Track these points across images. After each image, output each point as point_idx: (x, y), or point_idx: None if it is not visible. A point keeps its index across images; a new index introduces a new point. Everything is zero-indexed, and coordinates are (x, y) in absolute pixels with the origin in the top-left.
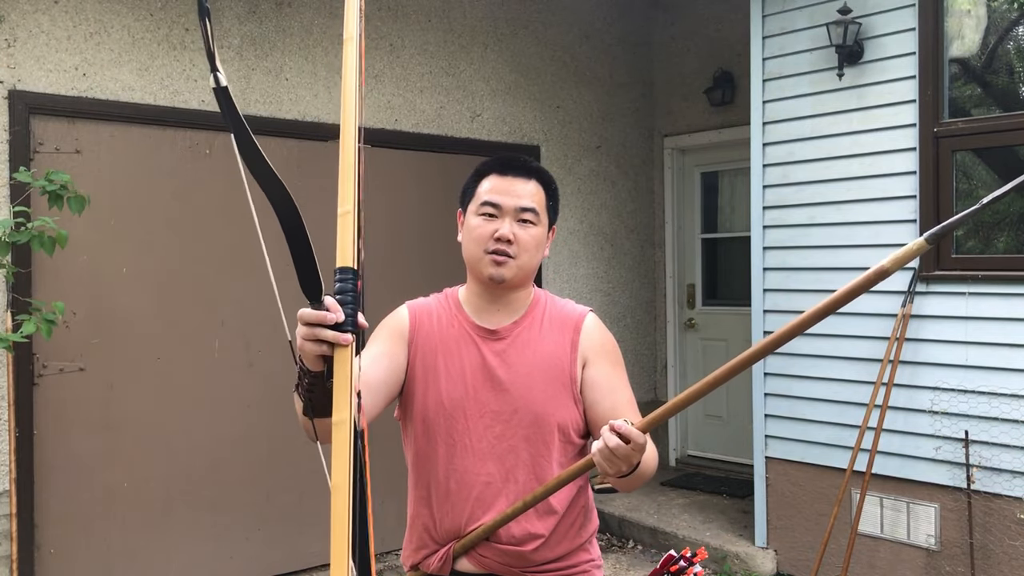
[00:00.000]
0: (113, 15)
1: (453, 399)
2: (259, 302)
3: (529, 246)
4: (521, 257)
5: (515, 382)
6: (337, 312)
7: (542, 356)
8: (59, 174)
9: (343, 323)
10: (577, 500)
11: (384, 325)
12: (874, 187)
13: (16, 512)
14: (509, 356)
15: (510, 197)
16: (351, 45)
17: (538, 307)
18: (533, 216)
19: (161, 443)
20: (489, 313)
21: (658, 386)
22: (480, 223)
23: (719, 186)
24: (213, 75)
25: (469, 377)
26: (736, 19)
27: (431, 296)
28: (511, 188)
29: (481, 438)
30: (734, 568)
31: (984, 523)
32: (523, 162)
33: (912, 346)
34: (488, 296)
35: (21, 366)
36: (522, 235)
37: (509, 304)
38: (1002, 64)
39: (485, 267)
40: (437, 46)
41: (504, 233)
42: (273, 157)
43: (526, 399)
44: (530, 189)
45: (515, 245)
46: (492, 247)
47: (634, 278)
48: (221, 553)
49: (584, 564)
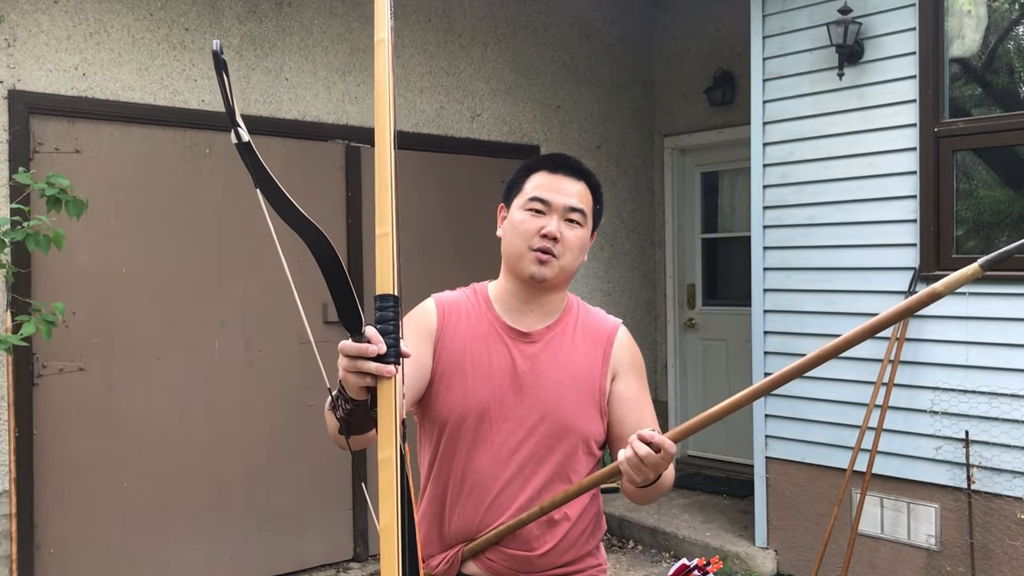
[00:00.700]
0: (113, 15)
1: (479, 399)
2: (259, 302)
3: (574, 246)
4: (565, 257)
5: (544, 389)
6: (379, 343)
7: (573, 365)
8: (59, 177)
9: (386, 354)
10: (590, 507)
11: (410, 321)
12: (874, 187)
13: (16, 512)
14: (540, 362)
15: (560, 195)
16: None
17: (571, 313)
18: (580, 217)
19: (161, 443)
20: (522, 314)
21: (658, 386)
22: (527, 218)
23: (719, 186)
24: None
25: (497, 379)
26: (736, 19)
27: (458, 290)
28: (561, 186)
29: (504, 442)
30: (734, 568)
31: (984, 523)
32: (575, 162)
33: (912, 346)
34: (523, 295)
35: (21, 366)
36: (568, 235)
37: (543, 306)
38: (1002, 64)
39: (527, 264)
40: (437, 46)
41: (551, 230)
42: (273, 157)
43: (554, 407)
44: (579, 189)
45: (560, 244)
46: (537, 244)
47: (634, 278)
48: (221, 553)
49: (591, 569)
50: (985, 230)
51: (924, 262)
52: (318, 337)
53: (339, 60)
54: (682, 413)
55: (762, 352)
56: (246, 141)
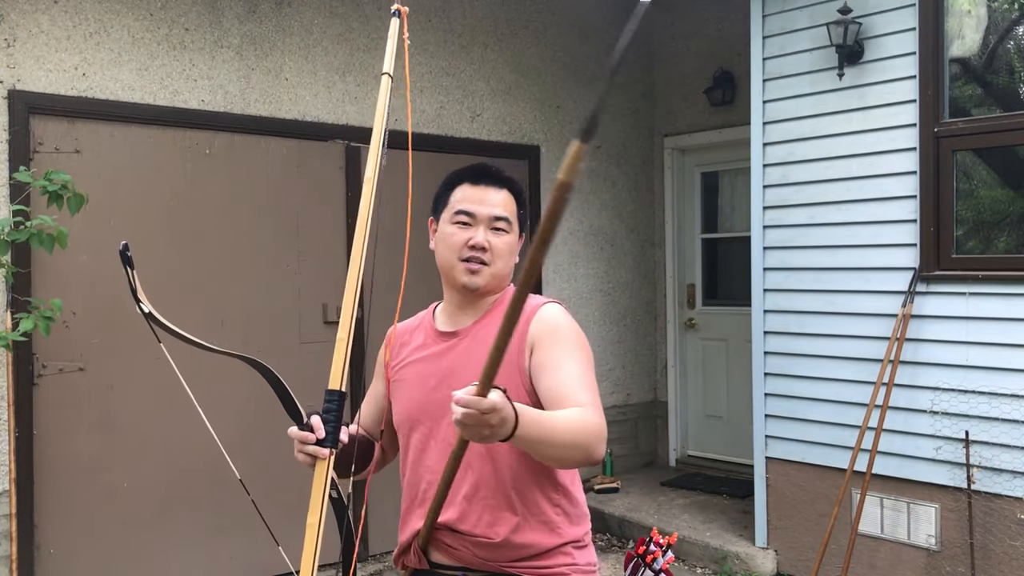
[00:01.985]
0: (113, 15)
1: (417, 404)
2: (259, 302)
3: (503, 253)
4: (495, 264)
5: (469, 377)
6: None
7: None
8: (59, 173)
9: (324, 440)
10: (548, 497)
11: (377, 360)
12: (874, 187)
13: (16, 512)
14: (465, 354)
15: (483, 206)
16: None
17: (501, 304)
18: (506, 224)
19: (161, 443)
20: (456, 317)
21: (658, 386)
22: (454, 231)
23: (719, 186)
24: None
25: (432, 381)
26: (736, 19)
27: (418, 313)
28: (484, 197)
29: (445, 437)
30: (734, 568)
31: (984, 523)
32: (495, 172)
33: (912, 346)
34: (459, 302)
35: (21, 366)
36: (496, 243)
37: (477, 308)
38: (1002, 64)
39: (459, 275)
40: (437, 46)
41: (479, 241)
42: (273, 157)
43: None
44: (502, 198)
45: (489, 252)
46: (467, 255)
47: (634, 278)
48: (221, 553)
49: (563, 567)
50: (985, 230)
51: (924, 262)
52: (318, 337)
53: (339, 60)
54: (682, 413)
55: (762, 352)
56: (147, 312)
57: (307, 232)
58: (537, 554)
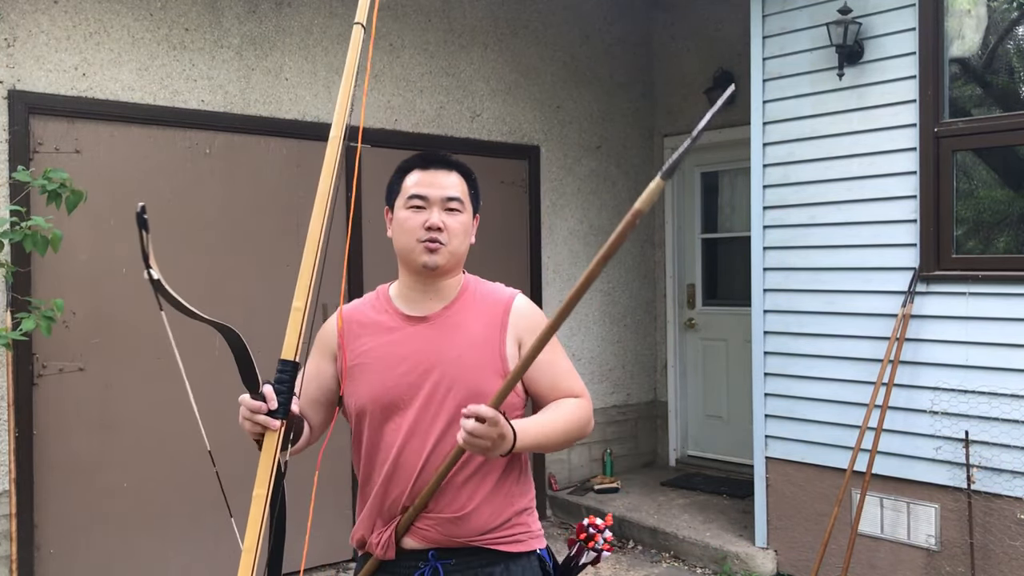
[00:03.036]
0: (113, 15)
1: (386, 386)
2: (259, 302)
3: (458, 232)
4: (452, 243)
5: (447, 363)
6: (271, 402)
7: (471, 336)
8: (58, 171)
9: (275, 411)
10: (510, 472)
11: (317, 338)
12: (874, 187)
13: (16, 512)
14: (439, 339)
15: (435, 188)
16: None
17: (467, 291)
18: (458, 204)
19: (161, 443)
20: (420, 302)
21: (658, 386)
22: (410, 215)
23: (719, 186)
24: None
25: (402, 364)
26: (736, 19)
27: (364, 297)
28: (435, 180)
29: (419, 419)
30: (734, 568)
31: (984, 523)
32: (443, 156)
33: (912, 346)
34: (420, 286)
35: (21, 366)
36: (450, 222)
37: (439, 291)
38: (1002, 64)
39: (419, 256)
40: (437, 46)
41: (434, 222)
42: (273, 157)
43: (459, 377)
44: (453, 180)
45: (445, 232)
46: (424, 236)
47: (634, 278)
48: (220, 553)
49: (520, 534)
50: (985, 230)
51: (924, 262)
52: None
53: (339, 60)
54: (682, 413)
55: (762, 352)
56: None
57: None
58: (499, 525)
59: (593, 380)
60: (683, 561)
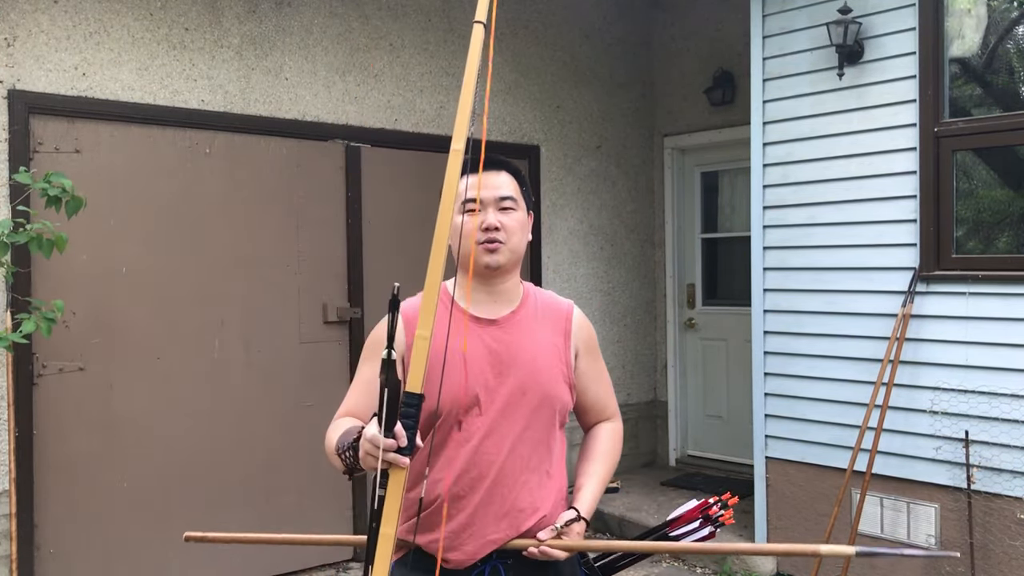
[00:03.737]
0: (113, 15)
1: (464, 389)
2: (259, 302)
3: (515, 230)
4: (511, 241)
5: (521, 367)
6: (402, 439)
7: (541, 343)
8: (59, 176)
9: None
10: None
11: (378, 341)
12: (874, 187)
13: (16, 512)
14: (512, 344)
15: (488, 190)
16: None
17: (530, 299)
18: (512, 203)
19: (161, 443)
20: (486, 304)
21: (658, 386)
22: (466, 220)
23: (719, 186)
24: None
25: (476, 367)
26: (736, 19)
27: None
28: (486, 182)
29: (495, 421)
30: (734, 568)
31: (984, 523)
32: (490, 157)
33: (912, 346)
34: (482, 287)
35: (21, 366)
36: (507, 221)
37: (503, 294)
38: (1002, 64)
39: (480, 257)
40: (437, 46)
41: (491, 222)
42: (273, 157)
43: (533, 381)
44: (503, 180)
45: (503, 231)
46: (483, 237)
47: (634, 278)
48: (221, 553)
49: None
50: (985, 230)
51: (924, 262)
52: (318, 337)
53: (339, 60)
54: (682, 413)
55: (762, 352)
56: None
57: (307, 232)
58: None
59: None
60: (683, 560)
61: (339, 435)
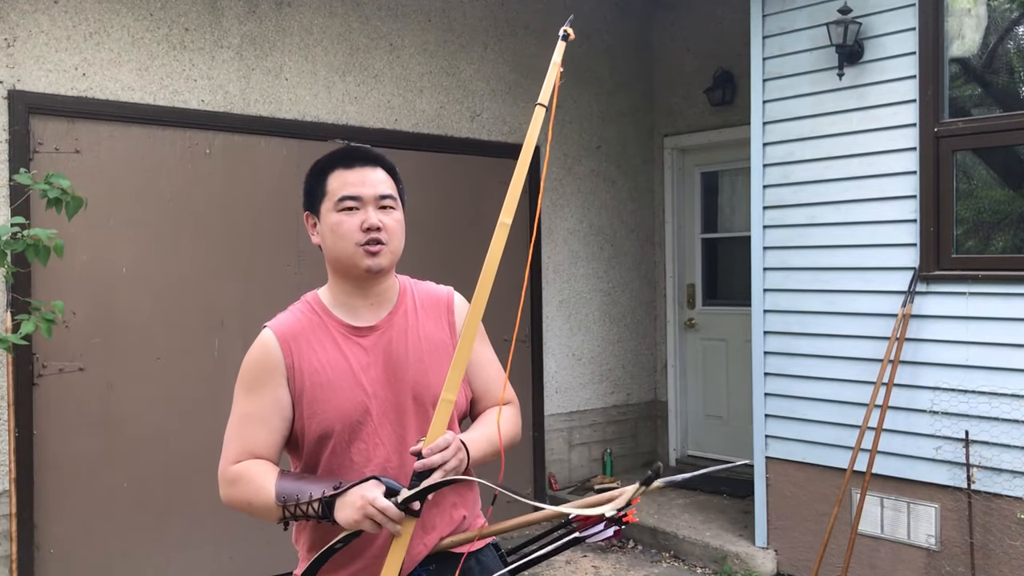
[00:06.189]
0: (113, 15)
1: (355, 403)
2: (259, 302)
3: (396, 231)
4: (392, 242)
5: (409, 370)
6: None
7: (426, 340)
8: (59, 177)
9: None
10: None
11: (259, 368)
12: (874, 187)
13: (16, 512)
14: (394, 347)
15: (367, 187)
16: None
17: (407, 294)
18: (392, 201)
19: (161, 443)
20: (362, 309)
21: (658, 386)
22: (343, 218)
23: (719, 186)
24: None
25: (362, 379)
26: (736, 19)
27: (292, 309)
28: (364, 178)
29: (391, 432)
30: (734, 568)
31: (984, 523)
32: (365, 151)
33: (912, 346)
34: (359, 292)
35: (21, 366)
36: (387, 221)
37: (380, 296)
38: (1002, 64)
39: (360, 260)
40: (437, 46)
41: (373, 222)
42: (273, 157)
43: (424, 384)
44: (381, 176)
45: (384, 231)
46: (364, 239)
47: (634, 278)
48: (221, 553)
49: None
50: (985, 230)
51: (924, 262)
52: None
53: (339, 60)
54: (682, 413)
55: (762, 352)
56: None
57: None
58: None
59: (593, 380)
60: (683, 561)
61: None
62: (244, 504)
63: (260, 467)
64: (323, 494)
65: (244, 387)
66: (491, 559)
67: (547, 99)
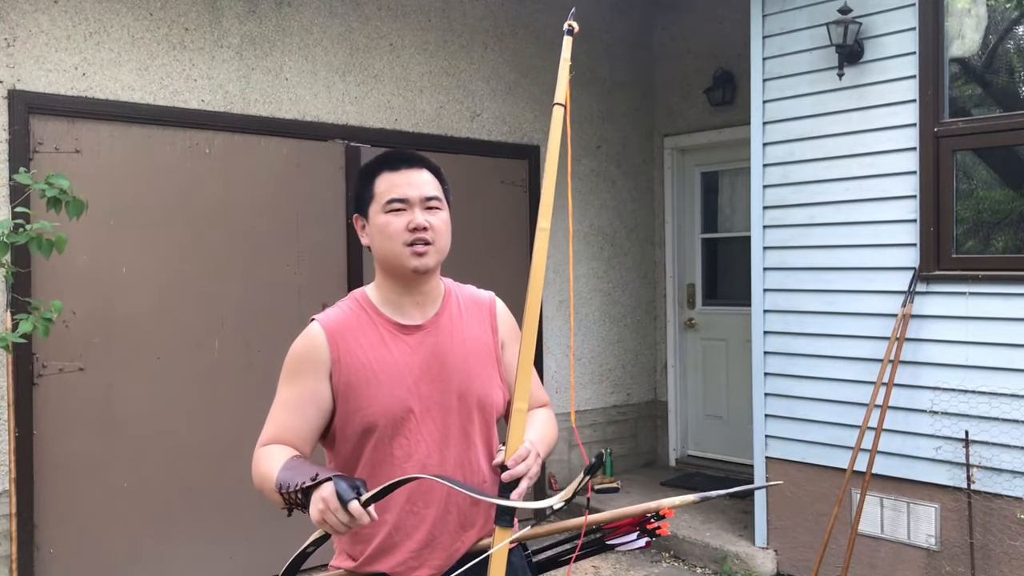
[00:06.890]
0: (113, 15)
1: (398, 399)
2: (259, 302)
3: (442, 230)
4: (439, 242)
5: (454, 371)
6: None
7: (470, 341)
8: (59, 177)
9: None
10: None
11: (302, 358)
12: (874, 187)
13: (16, 512)
14: (441, 347)
15: (413, 189)
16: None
17: (451, 296)
18: (438, 202)
19: (161, 443)
20: (409, 308)
21: (658, 386)
22: (390, 220)
23: (719, 186)
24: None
25: (408, 376)
26: (736, 19)
27: (340, 304)
28: (410, 180)
29: (433, 430)
30: (734, 568)
31: (984, 523)
32: (410, 154)
33: (912, 346)
34: (406, 291)
35: (21, 366)
36: (434, 221)
37: (426, 295)
38: (1002, 64)
39: (407, 260)
40: (437, 46)
41: (420, 222)
42: (273, 157)
43: (468, 385)
44: (427, 178)
45: (431, 231)
46: (411, 239)
47: (634, 278)
48: (221, 553)
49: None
50: (985, 230)
51: (924, 262)
52: None
53: (339, 60)
54: (682, 413)
55: (762, 352)
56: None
57: (307, 232)
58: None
59: (593, 380)
60: (683, 561)
61: (279, 468)
62: (259, 487)
63: (277, 451)
64: (300, 484)
65: (287, 375)
66: (519, 559)
67: (563, 97)
